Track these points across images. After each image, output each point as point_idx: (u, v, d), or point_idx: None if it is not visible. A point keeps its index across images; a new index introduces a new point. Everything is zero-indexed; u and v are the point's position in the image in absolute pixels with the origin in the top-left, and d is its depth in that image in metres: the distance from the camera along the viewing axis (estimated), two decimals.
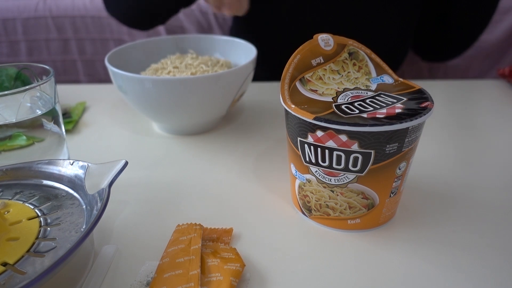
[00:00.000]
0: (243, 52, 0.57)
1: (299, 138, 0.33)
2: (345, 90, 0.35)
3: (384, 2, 0.71)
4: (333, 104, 0.32)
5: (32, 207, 0.33)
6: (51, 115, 0.41)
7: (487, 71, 1.01)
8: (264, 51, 0.65)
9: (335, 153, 0.31)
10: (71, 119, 0.57)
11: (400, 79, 0.37)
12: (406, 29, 0.77)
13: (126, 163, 0.33)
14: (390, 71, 0.37)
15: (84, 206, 0.33)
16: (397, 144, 0.30)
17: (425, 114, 0.30)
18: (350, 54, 0.37)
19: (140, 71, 0.57)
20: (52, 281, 0.27)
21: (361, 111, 0.31)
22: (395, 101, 0.32)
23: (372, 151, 0.30)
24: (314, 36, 0.36)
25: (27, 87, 0.37)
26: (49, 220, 0.31)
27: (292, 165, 0.36)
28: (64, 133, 0.44)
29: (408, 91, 0.34)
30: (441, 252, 0.33)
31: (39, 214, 0.32)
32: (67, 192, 0.35)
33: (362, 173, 0.31)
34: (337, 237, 0.35)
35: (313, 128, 0.31)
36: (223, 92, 0.48)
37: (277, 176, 0.44)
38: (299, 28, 0.71)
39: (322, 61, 0.36)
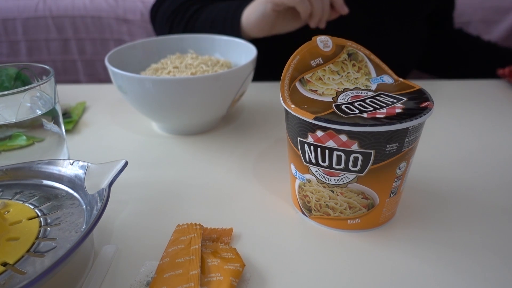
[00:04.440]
0: (243, 52, 0.57)
1: (299, 138, 0.33)
2: (345, 90, 0.35)
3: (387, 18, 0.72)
4: (333, 104, 0.32)
5: (32, 207, 0.33)
6: (51, 115, 0.41)
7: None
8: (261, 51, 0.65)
9: (335, 153, 0.31)
10: (71, 119, 0.57)
11: (400, 79, 0.37)
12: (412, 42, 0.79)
13: (126, 163, 0.33)
14: (390, 71, 0.37)
15: (84, 206, 0.33)
16: (397, 144, 0.30)
17: (425, 114, 0.30)
18: (349, 55, 0.37)
19: (140, 71, 0.57)
20: (52, 281, 0.27)
21: (361, 111, 0.31)
22: (395, 101, 0.32)
23: (372, 151, 0.30)
24: (313, 38, 0.36)
25: (27, 87, 0.37)
26: (49, 220, 0.31)
27: (292, 165, 0.36)
28: (64, 133, 0.44)
29: (408, 91, 0.34)
30: (441, 252, 0.33)
31: (39, 214, 0.32)
32: (67, 192, 0.35)
33: (362, 173, 0.31)
34: (337, 237, 0.35)
35: (313, 128, 0.31)
36: (223, 92, 0.48)
37: (277, 176, 0.44)
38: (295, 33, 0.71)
39: (321, 62, 0.36)
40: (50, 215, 0.32)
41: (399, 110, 0.31)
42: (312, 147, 0.32)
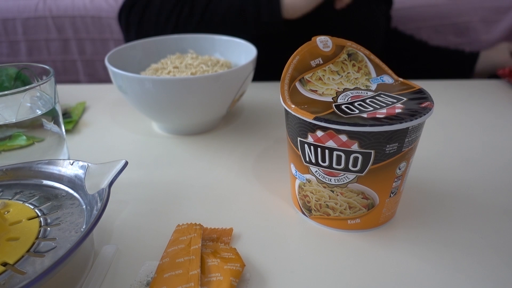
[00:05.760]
0: (243, 52, 0.57)
1: (299, 138, 0.33)
2: (345, 90, 0.35)
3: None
4: (333, 104, 0.32)
5: (32, 207, 0.33)
6: (51, 115, 0.41)
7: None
8: None
9: (335, 153, 0.31)
10: (71, 119, 0.57)
11: (400, 79, 0.37)
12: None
13: (126, 163, 0.33)
14: (389, 71, 0.37)
15: (84, 206, 0.33)
16: (397, 144, 0.30)
17: (425, 114, 0.30)
18: (349, 55, 0.37)
19: (140, 71, 0.57)
20: (52, 281, 0.27)
21: (361, 111, 0.31)
22: (395, 101, 0.32)
23: (372, 151, 0.30)
24: (313, 38, 0.36)
25: (27, 87, 0.37)
26: (49, 220, 0.31)
27: (292, 165, 0.36)
28: (64, 133, 0.44)
29: (408, 91, 0.34)
30: (441, 252, 0.33)
31: (39, 214, 0.32)
32: (67, 192, 0.35)
33: (362, 173, 0.31)
34: (337, 237, 0.35)
35: (313, 128, 0.31)
36: (223, 92, 0.48)
37: (277, 176, 0.44)
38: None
39: (321, 62, 0.36)
40: (50, 215, 0.32)
41: (399, 110, 0.31)
42: (312, 147, 0.32)
